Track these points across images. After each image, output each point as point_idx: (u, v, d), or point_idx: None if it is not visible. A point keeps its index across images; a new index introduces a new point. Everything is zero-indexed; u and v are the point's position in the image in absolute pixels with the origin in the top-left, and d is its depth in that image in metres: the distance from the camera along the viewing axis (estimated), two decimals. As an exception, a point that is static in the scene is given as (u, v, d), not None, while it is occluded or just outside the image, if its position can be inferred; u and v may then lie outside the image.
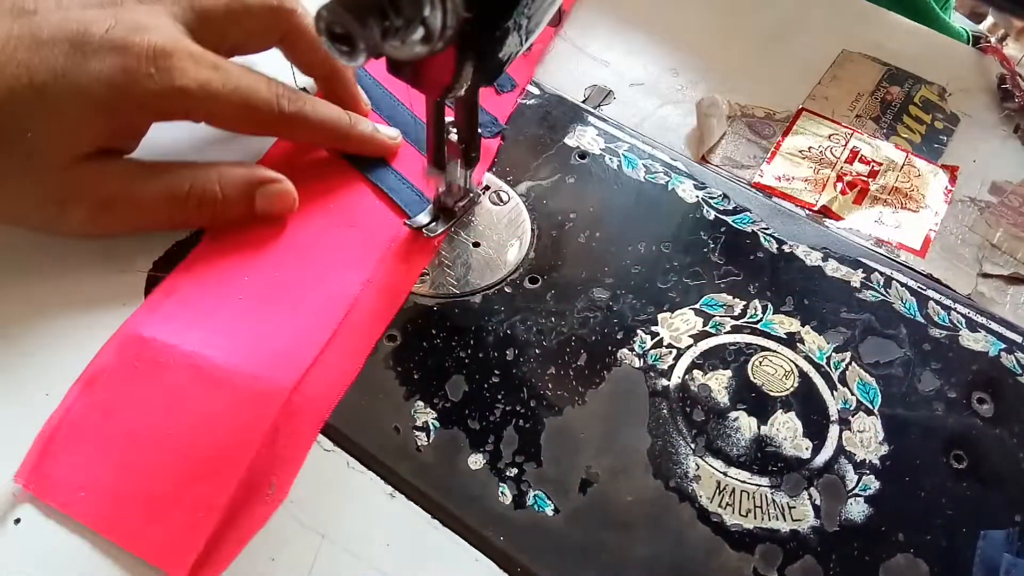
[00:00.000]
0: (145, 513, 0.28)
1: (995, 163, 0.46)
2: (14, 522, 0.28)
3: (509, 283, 0.36)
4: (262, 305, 0.33)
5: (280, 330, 0.32)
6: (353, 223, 0.37)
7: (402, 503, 0.29)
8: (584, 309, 0.35)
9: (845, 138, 0.46)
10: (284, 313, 0.33)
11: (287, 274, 0.35)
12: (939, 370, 0.35)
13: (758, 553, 0.29)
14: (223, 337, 0.32)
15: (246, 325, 0.32)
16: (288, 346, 0.32)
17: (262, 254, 0.35)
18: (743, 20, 0.52)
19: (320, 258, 0.35)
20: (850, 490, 0.31)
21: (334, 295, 0.34)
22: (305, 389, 0.31)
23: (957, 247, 0.41)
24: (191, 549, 0.27)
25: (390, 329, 0.34)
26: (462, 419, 0.31)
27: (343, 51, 0.22)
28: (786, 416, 0.33)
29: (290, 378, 0.31)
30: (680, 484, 0.30)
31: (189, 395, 0.30)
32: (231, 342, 0.32)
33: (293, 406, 0.30)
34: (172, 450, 0.29)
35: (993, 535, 0.30)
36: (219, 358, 0.31)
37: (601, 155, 0.42)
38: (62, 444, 0.29)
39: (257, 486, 0.28)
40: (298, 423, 0.30)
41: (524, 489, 0.30)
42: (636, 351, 0.34)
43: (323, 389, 0.31)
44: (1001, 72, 0.51)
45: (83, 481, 0.28)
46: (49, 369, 0.31)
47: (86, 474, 0.28)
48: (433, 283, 0.36)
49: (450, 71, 0.27)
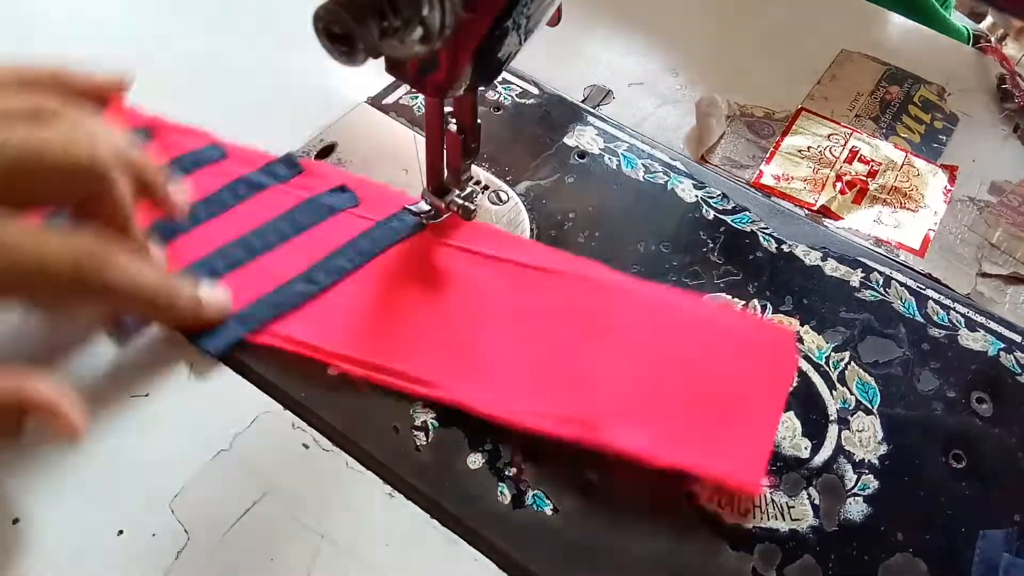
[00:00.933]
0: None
1: (994, 163, 0.46)
2: (13, 522, 0.28)
3: (508, 283, 0.36)
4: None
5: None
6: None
7: (401, 503, 0.29)
8: (583, 309, 0.35)
9: (844, 138, 0.46)
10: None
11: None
12: (938, 370, 0.35)
13: (757, 553, 0.29)
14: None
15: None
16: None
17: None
18: (743, 20, 0.52)
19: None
20: (849, 490, 0.31)
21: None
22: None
23: (956, 247, 0.41)
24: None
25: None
26: (461, 419, 0.31)
27: (342, 51, 0.22)
28: (785, 415, 0.33)
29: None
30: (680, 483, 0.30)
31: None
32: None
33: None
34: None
35: (992, 535, 0.30)
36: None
37: (600, 155, 0.42)
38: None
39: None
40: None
41: (523, 489, 0.30)
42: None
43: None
44: (1001, 72, 0.51)
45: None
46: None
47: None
48: (432, 283, 0.36)
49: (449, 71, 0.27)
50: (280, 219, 0.36)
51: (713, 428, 0.31)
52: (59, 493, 0.28)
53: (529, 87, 0.45)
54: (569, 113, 0.44)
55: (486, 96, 0.44)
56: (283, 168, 0.38)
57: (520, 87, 0.45)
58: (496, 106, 0.44)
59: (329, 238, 0.36)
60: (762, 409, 0.32)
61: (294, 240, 0.36)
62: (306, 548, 0.28)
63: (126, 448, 0.30)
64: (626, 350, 0.33)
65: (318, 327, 0.33)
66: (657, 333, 0.34)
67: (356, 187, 0.38)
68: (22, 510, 0.28)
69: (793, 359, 0.34)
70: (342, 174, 0.39)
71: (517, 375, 0.32)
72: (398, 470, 0.30)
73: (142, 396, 0.31)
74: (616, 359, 0.33)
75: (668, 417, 0.31)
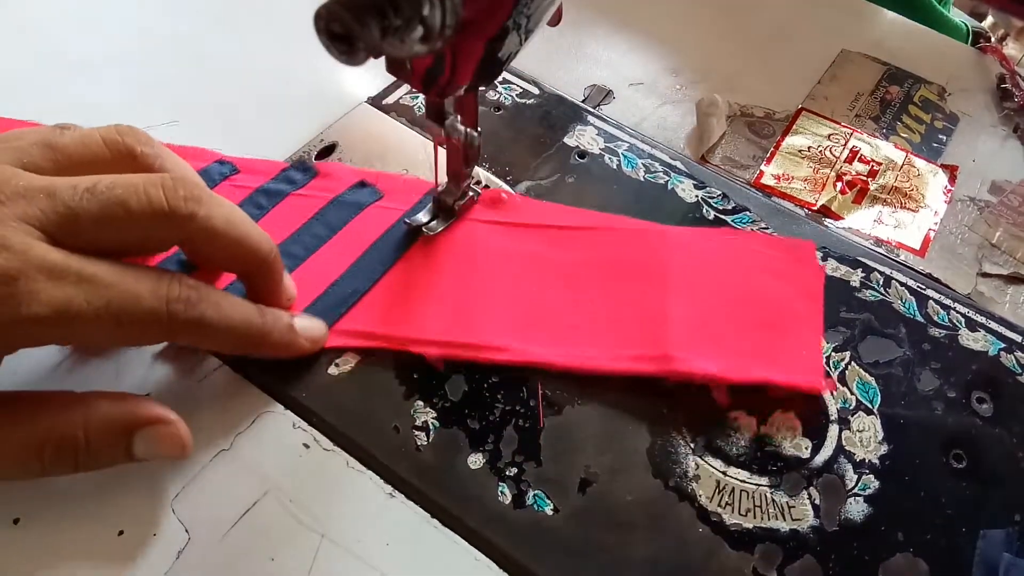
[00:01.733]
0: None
1: (994, 163, 0.46)
2: (14, 522, 0.28)
3: (509, 283, 0.36)
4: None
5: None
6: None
7: (402, 503, 0.29)
8: (584, 309, 0.35)
9: (845, 138, 0.46)
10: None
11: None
12: (939, 369, 0.35)
13: (758, 552, 0.29)
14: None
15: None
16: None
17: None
18: (743, 20, 0.52)
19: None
20: (849, 489, 0.31)
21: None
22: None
23: (956, 247, 0.41)
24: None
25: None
26: (462, 419, 0.31)
27: (342, 51, 0.22)
28: (785, 415, 0.33)
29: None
30: (680, 483, 0.30)
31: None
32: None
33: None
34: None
35: (992, 534, 0.30)
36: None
37: (601, 155, 0.42)
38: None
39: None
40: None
41: (524, 489, 0.30)
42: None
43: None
44: (1001, 72, 0.51)
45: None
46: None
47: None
48: (433, 283, 0.36)
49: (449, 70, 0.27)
50: (312, 223, 0.37)
51: (768, 342, 0.34)
52: (60, 493, 0.28)
53: (529, 87, 0.45)
54: (569, 113, 0.44)
55: (486, 96, 0.44)
56: (298, 173, 0.38)
57: (520, 87, 0.45)
58: (496, 106, 0.44)
59: (364, 233, 0.37)
60: (805, 316, 0.36)
61: (331, 241, 0.36)
62: (307, 548, 0.28)
63: (126, 448, 0.30)
64: (675, 287, 0.36)
65: (380, 318, 0.34)
66: (697, 267, 0.37)
67: (375, 181, 0.39)
68: (23, 510, 0.28)
69: (818, 265, 0.38)
70: (357, 171, 0.39)
71: (583, 326, 0.34)
72: (399, 470, 0.30)
73: (143, 396, 0.31)
74: (669, 296, 0.35)
75: (727, 340, 0.34)
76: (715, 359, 0.33)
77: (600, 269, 0.36)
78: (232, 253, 0.29)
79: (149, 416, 0.28)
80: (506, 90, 0.45)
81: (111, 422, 0.27)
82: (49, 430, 0.26)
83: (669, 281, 0.36)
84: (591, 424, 0.32)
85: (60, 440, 0.26)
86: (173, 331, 0.27)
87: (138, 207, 0.26)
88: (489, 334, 0.33)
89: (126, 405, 0.28)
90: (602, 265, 0.36)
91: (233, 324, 0.29)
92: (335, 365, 0.32)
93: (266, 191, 0.38)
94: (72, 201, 0.26)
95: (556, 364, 0.33)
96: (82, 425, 0.26)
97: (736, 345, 0.34)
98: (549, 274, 0.36)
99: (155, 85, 0.41)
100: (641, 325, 0.34)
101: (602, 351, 0.33)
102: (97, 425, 0.27)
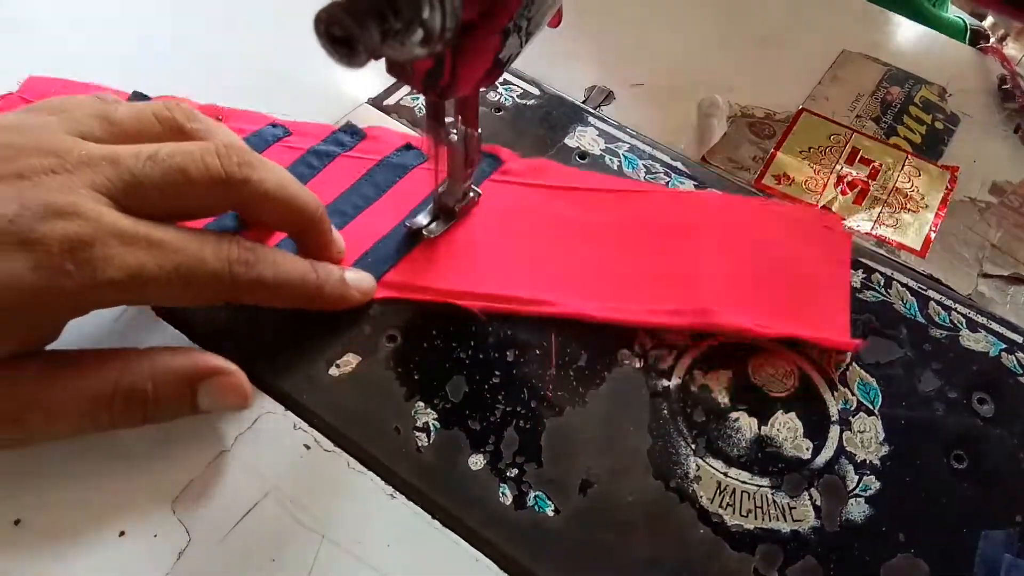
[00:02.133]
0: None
1: (995, 163, 0.46)
2: (14, 522, 0.28)
3: (509, 284, 0.36)
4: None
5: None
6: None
7: (402, 503, 0.29)
8: (584, 310, 0.35)
9: (845, 138, 0.46)
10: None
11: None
12: (939, 370, 0.35)
13: (759, 553, 0.29)
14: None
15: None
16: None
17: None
18: (743, 21, 0.52)
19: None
20: (851, 490, 0.31)
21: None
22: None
23: (957, 247, 0.41)
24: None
25: (390, 329, 0.34)
26: (463, 420, 0.31)
27: (343, 53, 0.22)
28: (786, 416, 0.33)
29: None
30: (680, 485, 0.30)
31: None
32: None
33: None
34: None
35: (993, 535, 0.30)
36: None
37: (601, 156, 0.42)
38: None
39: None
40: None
41: (525, 490, 0.30)
42: (636, 351, 0.34)
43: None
44: (1001, 72, 0.51)
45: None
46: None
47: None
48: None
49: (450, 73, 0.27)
50: (360, 184, 0.38)
51: (799, 302, 0.36)
52: (61, 493, 0.28)
53: (530, 88, 0.45)
54: (570, 114, 0.44)
55: (487, 97, 0.44)
56: (347, 136, 0.41)
57: (521, 88, 0.45)
58: (497, 107, 0.44)
59: (410, 193, 0.38)
60: (833, 280, 0.37)
61: (379, 201, 0.38)
62: (307, 548, 0.28)
63: (127, 448, 0.30)
64: (707, 248, 0.37)
65: (425, 272, 0.35)
66: (729, 230, 0.38)
67: (419, 144, 0.40)
68: (23, 510, 0.28)
69: (844, 232, 0.39)
70: (402, 135, 0.41)
71: (621, 282, 0.36)
72: (399, 471, 0.30)
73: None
74: (702, 256, 0.37)
75: (759, 299, 0.35)
76: (749, 315, 0.35)
77: (635, 229, 0.38)
78: (283, 214, 0.31)
79: (212, 367, 0.29)
80: (507, 91, 0.45)
81: (176, 373, 0.28)
82: (118, 382, 0.27)
83: (701, 242, 0.38)
84: (592, 425, 0.32)
85: (129, 392, 0.27)
86: (235, 290, 0.29)
87: (196, 173, 0.28)
88: (532, 288, 0.35)
89: (189, 357, 0.29)
90: (637, 225, 0.38)
91: (290, 280, 0.30)
92: (336, 366, 0.32)
93: (317, 152, 0.39)
94: (136, 168, 0.27)
95: (596, 316, 0.34)
96: (150, 377, 0.28)
97: (768, 304, 0.35)
98: (587, 233, 0.38)
99: (154, 85, 0.41)
100: (677, 281, 0.36)
101: (641, 305, 0.35)
102: (163, 377, 0.28)
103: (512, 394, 0.32)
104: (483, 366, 0.33)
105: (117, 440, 0.30)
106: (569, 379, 0.33)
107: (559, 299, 0.35)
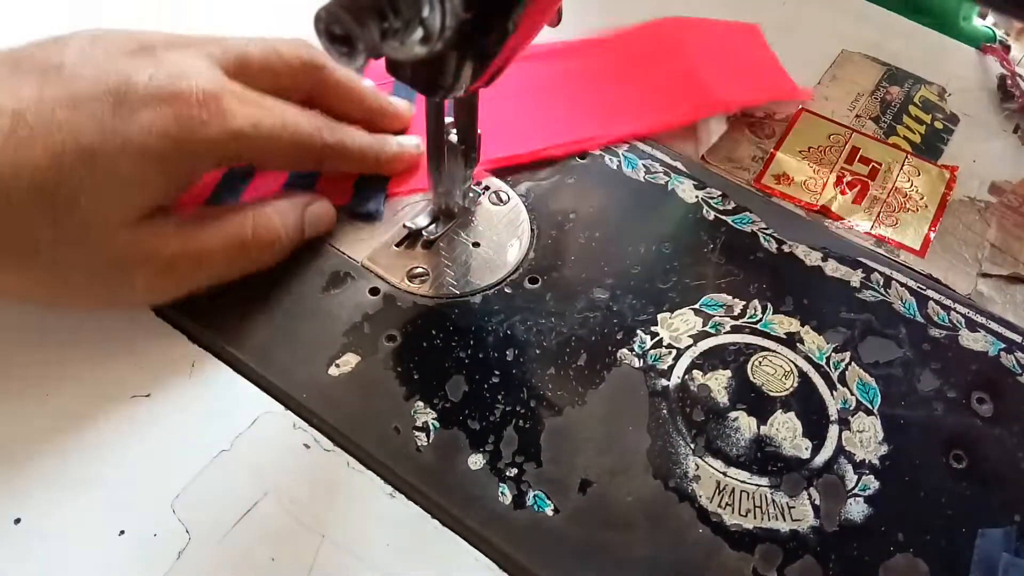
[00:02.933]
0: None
1: (995, 163, 0.46)
2: (14, 522, 0.28)
3: (509, 283, 0.36)
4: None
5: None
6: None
7: (402, 503, 0.29)
8: (584, 309, 0.35)
9: (845, 138, 0.46)
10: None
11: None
12: (939, 370, 0.35)
13: (758, 553, 0.29)
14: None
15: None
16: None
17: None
18: (743, 20, 0.52)
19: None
20: (850, 490, 0.31)
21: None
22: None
23: (956, 247, 0.41)
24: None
25: (389, 329, 0.34)
26: (462, 419, 0.31)
27: (342, 52, 0.22)
28: (786, 416, 0.33)
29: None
30: (680, 484, 0.31)
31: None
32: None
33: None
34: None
35: (992, 534, 0.30)
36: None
37: (601, 155, 0.42)
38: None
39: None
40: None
41: (524, 489, 0.30)
42: (636, 351, 0.34)
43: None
44: (1001, 72, 0.51)
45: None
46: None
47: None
48: (433, 283, 0.36)
49: (449, 72, 0.27)
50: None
51: (744, 81, 0.46)
52: (60, 493, 0.28)
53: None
54: (570, 113, 0.44)
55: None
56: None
57: (521, 88, 0.45)
58: (497, 107, 0.44)
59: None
60: (764, 60, 0.48)
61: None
62: (307, 548, 0.28)
63: (127, 448, 0.30)
64: (641, 70, 0.46)
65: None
66: (677, 47, 0.47)
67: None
68: (23, 510, 0.28)
69: (751, 25, 0.51)
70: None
71: (631, 107, 0.44)
72: (399, 470, 0.30)
73: (143, 396, 0.31)
74: (632, 79, 0.46)
75: (713, 87, 0.44)
76: (719, 94, 0.44)
77: (624, 64, 0.47)
78: (350, 103, 0.37)
79: (309, 196, 0.35)
80: (506, 91, 0.45)
81: (292, 208, 0.34)
82: (254, 225, 0.32)
83: (636, 68, 0.47)
84: (591, 425, 0.32)
85: (265, 232, 0.32)
86: (324, 152, 0.34)
87: (288, 54, 0.34)
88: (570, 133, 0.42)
89: (287, 193, 0.35)
90: (624, 61, 0.47)
91: (363, 145, 0.36)
92: (335, 366, 0.32)
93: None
94: (240, 46, 0.33)
95: (639, 134, 0.43)
96: (277, 216, 0.33)
97: (723, 89, 0.44)
98: (593, 78, 0.45)
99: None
100: (671, 89, 0.45)
101: (659, 116, 0.44)
102: (285, 213, 0.33)
103: (511, 394, 0.32)
104: (483, 366, 0.33)
105: (117, 440, 0.30)
106: (568, 379, 0.33)
107: (600, 132, 0.42)
